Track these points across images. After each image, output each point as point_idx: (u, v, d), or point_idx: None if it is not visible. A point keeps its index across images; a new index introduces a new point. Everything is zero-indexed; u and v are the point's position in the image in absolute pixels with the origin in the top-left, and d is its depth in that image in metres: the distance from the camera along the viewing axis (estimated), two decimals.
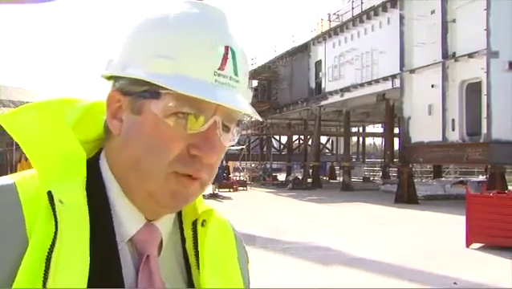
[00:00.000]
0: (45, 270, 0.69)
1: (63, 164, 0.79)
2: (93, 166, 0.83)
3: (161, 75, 0.75)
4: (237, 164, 40.33)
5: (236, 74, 0.80)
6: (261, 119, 0.86)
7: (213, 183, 27.00)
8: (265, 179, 37.60)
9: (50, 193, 0.73)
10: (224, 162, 31.64)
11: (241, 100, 0.79)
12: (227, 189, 29.01)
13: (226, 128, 0.81)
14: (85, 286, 0.71)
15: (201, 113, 0.77)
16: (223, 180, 29.21)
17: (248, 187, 32.23)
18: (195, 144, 0.77)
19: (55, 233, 0.71)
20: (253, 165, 41.40)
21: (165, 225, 0.86)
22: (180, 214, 0.92)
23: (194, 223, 0.90)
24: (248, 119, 0.85)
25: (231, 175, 33.84)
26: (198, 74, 0.76)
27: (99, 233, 0.76)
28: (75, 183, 0.77)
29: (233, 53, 0.79)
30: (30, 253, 0.71)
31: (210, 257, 0.88)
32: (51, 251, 0.70)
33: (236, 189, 29.77)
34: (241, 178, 36.44)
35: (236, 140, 0.84)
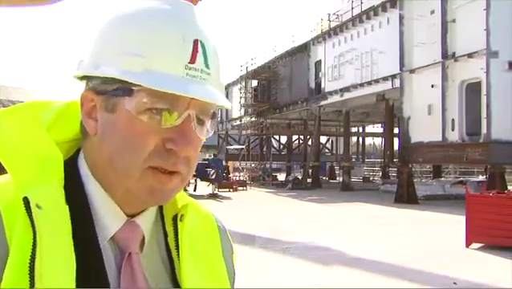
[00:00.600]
0: (30, 281, 0.68)
1: (39, 166, 0.78)
2: (71, 166, 0.83)
3: (132, 72, 0.75)
4: (237, 164, 40.34)
5: (207, 66, 0.80)
6: (229, 106, 0.86)
7: (213, 183, 27.12)
8: (264, 179, 37.59)
9: (26, 199, 0.72)
10: (224, 162, 31.69)
11: (213, 92, 0.80)
12: (227, 189, 29.01)
13: (201, 122, 0.81)
14: (73, 286, 0.71)
15: (175, 108, 0.78)
16: (223, 180, 29.20)
17: (248, 187, 32.23)
18: (170, 138, 0.78)
19: (34, 240, 0.70)
20: (252, 165, 41.38)
21: (146, 221, 0.86)
22: (161, 209, 0.92)
23: (174, 218, 0.90)
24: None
25: (231, 175, 33.82)
26: (169, 69, 0.76)
27: (81, 234, 0.76)
28: (52, 185, 0.77)
29: (203, 46, 0.80)
30: (11, 264, 0.69)
31: (192, 251, 0.89)
32: (33, 260, 0.69)
33: (236, 189, 29.77)
34: (241, 178, 36.42)
35: (211, 133, 0.85)
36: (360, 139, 53.26)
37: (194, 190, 27.76)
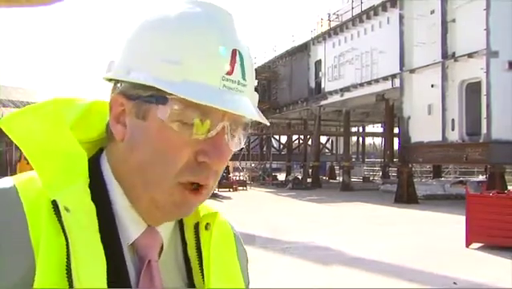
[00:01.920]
0: (69, 284, 0.68)
1: (65, 166, 0.77)
2: (94, 167, 0.81)
3: (168, 80, 0.73)
4: (237, 163, 40.33)
5: (244, 78, 0.79)
6: (268, 123, 0.85)
7: None
8: (264, 179, 37.60)
9: (54, 202, 0.71)
10: None
11: (249, 105, 0.78)
12: (227, 189, 29.01)
13: (234, 132, 0.80)
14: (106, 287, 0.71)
15: (208, 118, 0.75)
16: (223, 179, 29.19)
17: (248, 187, 32.24)
18: (203, 150, 0.76)
19: (67, 243, 0.69)
20: (252, 165, 41.40)
21: (166, 228, 0.85)
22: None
23: (196, 226, 0.89)
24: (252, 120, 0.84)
25: (231, 175, 33.82)
26: (206, 79, 0.74)
27: (106, 238, 0.74)
28: (79, 186, 0.75)
29: (241, 56, 0.78)
30: (46, 268, 0.69)
31: (214, 260, 0.87)
32: (69, 263, 0.69)
33: (236, 189, 29.77)
34: (241, 178, 36.42)
35: (243, 145, 0.83)
36: (360, 139, 53.27)
37: None
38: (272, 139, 46.00)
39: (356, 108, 33.70)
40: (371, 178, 42.92)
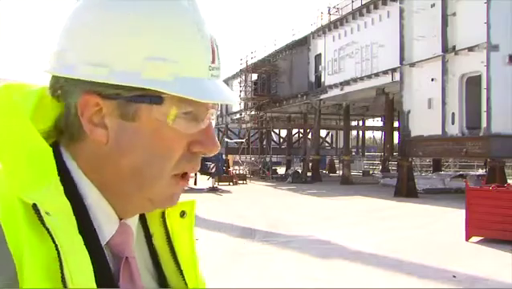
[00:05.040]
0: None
1: (32, 163, 0.69)
2: (59, 163, 0.73)
3: (162, 80, 0.70)
4: (237, 157, 40.34)
5: (219, 62, 0.77)
6: (236, 103, 0.85)
7: (213, 177, 27.15)
8: (264, 173, 37.62)
9: (35, 206, 0.64)
10: (223, 156, 31.70)
11: (231, 92, 0.78)
12: (227, 183, 29.06)
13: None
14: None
15: (199, 110, 0.74)
16: (223, 173, 29.24)
17: (247, 181, 32.27)
18: (198, 140, 0.75)
19: (57, 250, 0.64)
20: (252, 159, 41.41)
21: (135, 221, 0.83)
22: None
23: (163, 216, 0.86)
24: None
25: (231, 169, 33.85)
26: (196, 73, 0.72)
27: (86, 238, 0.69)
28: (53, 187, 0.68)
29: (215, 40, 0.77)
30: (39, 276, 0.63)
31: (183, 249, 0.87)
32: (62, 270, 0.63)
33: (235, 183, 29.81)
34: (241, 172, 36.45)
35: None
36: (360, 132, 53.27)
37: (195, 184, 27.82)
38: (272, 133, 45.99)
39: (356, 102, 33.67)
40: (371, 172, 42.94)
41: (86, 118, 0.72)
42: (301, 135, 47.34)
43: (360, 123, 49.58)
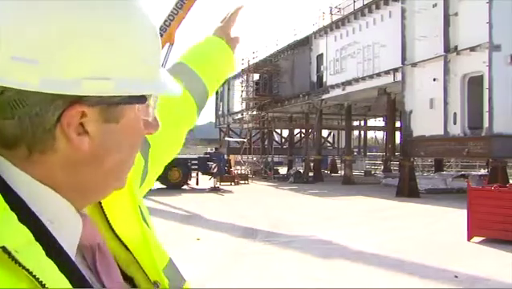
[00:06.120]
0: None
1: None
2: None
3: (145, 81, 0.72)
4: (239, 157, 40.33)
5: None
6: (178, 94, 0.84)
7: (215, 177, 27.16)
8: (266, 173, 37.63)
9: (5, 249, 0.61)
10: (225, 156, 31.70)
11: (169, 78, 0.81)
12: (228, 183, 29.06)
13: None
14: None
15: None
16: (224, 173, 29.25)
17: (249, 181, 32.27)
18: (150, 124, 0.78)
19: (41, 284, 0.62)
20: (254, 159, 41.41)
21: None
22: None
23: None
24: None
25: (232, 169, 33.87)
26: (160, 67, 0.76)
27: (53, 256, 0.66)
28: (6, 218, 0.64)
29: None
30: None
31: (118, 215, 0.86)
32: None
33: (237, 183, 29.82)
34: (243, 172, 36.46)
35: None
36: (362, 132, 53.23)
37: (196, 184, 27.84)
38: (274, 133, 45.97)
39: (358, 102, 33.64)
40: (372, 172, 42.88)
41: (73, 130, 0.68)
42: (302, 135, 47.31)
43: (362, 123, 49.52)
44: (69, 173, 0.71)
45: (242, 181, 30.94)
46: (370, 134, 58.00)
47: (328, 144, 54.85)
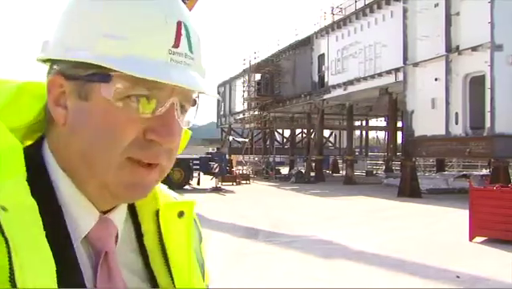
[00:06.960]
0: None
1: None
2: (33, 157, 0.73)
3: (111, 57, 0.69)
4: (240, 157, 40.35)
5: (191, 50, 0.74)
6: (218, 97, 0.83)
7: (216, 177, 27.17)
8: (268, 173, 37.63)
9: None
10: (227, 156, 31.72)
11: (197, 79, 0.74)
12: (230, 183, 29.06)
13: (184, 110, 0.76)
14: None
15: (155, 94, 0.72)
16: (226, 173, 29.27)
17: (251, 181, 32.27)
18: (152, 128, 0.72)
19: (8, 246, 0.62)
20: (256, 159, 41.41)
21: (120, 216, 0.80)
22: (132, 205, 0.84)
23: (156, 214, 0.84)
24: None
25: (234, 169, 33.89)
26: (151, 53, 0.70)
27: (52, 235, 0.67)
28: (15, 182, 0.67)
29: (186, 28, 0.74)
30: None
31: (180, 250, 0.85)
32: (11, 267, 0.61)
33: (239, 183, 29.83)
34: (244, 172, 36.47)
35: (192, 123, 0.79)
36: (364, 132, 53.21)
37: (198, 184, 27.85)
38: (275, 133, 45.99)
39: (359, 102, 33.63)
40: (374, 172, 42.87)
41: (51, 99, 0.74)
42: (304, 135, 47.30)
43: (364, 123, 49.51)
44: (61, 155, 0.75)
45: (244, 181, 30.94)
46: (371, 134, 58.02)
47: (330, 144, 54.87)
